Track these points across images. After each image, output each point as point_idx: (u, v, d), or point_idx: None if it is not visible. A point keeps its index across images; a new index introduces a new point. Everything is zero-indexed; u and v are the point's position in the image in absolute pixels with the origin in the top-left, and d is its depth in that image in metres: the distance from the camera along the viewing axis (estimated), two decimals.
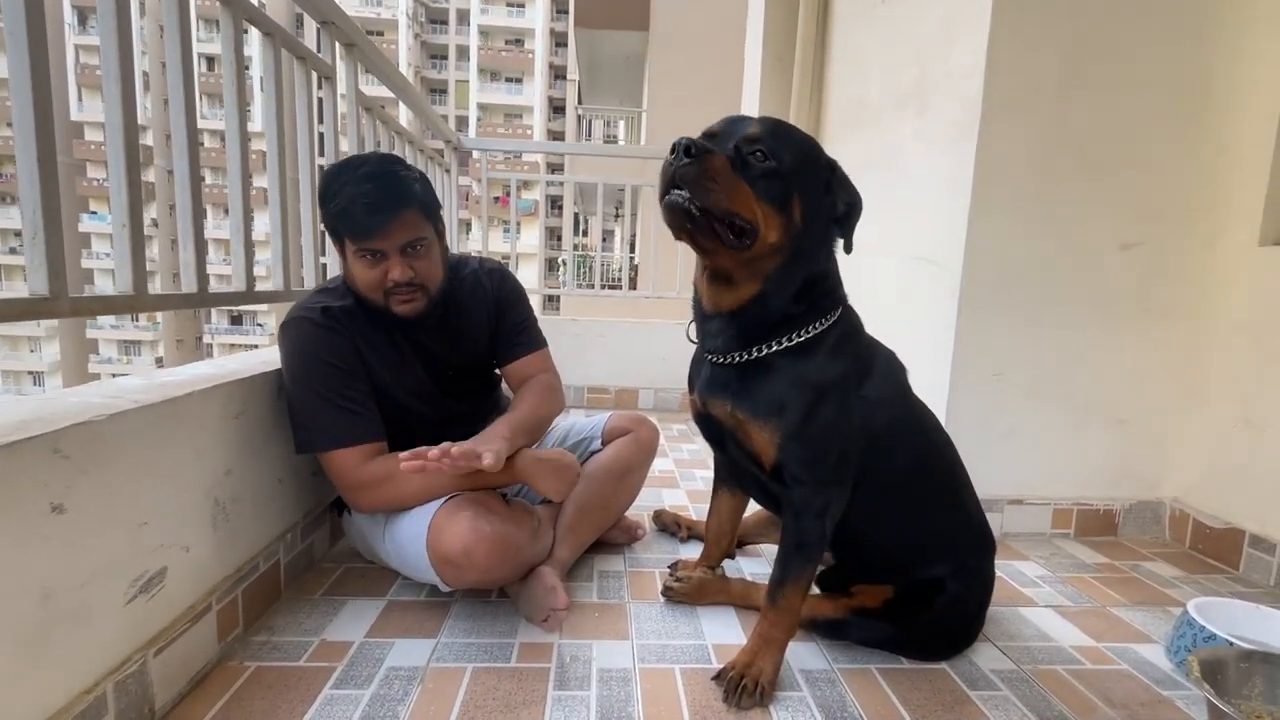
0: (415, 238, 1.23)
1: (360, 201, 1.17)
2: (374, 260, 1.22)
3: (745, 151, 0.96)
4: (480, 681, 1.06)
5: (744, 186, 0.95)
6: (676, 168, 0.91)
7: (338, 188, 1.19)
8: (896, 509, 1.16)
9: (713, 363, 1.11)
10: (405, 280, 1.22)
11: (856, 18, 2.46)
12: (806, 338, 1.06)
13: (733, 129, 0.99)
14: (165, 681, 0.95)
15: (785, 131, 1.01)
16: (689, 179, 0.91)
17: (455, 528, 1.11)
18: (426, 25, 37.63)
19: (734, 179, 0.94)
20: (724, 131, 1.00)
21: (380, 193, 1.17)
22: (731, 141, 0.97)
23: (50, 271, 0.83)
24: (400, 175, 1.22)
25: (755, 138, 0.97)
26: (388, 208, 1.18)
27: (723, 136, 0.99)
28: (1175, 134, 1.66)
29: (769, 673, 1.06)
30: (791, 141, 1.00)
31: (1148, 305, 1.72)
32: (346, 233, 1.21)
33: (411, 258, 1.23)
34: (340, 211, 1.19)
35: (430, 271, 1.27)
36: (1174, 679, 1.15)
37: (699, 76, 7.36)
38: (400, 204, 1.19)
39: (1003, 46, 1.58)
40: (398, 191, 1.20)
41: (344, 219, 1.20)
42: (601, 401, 3.31)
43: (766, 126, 0.99)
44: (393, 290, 1.23)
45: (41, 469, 0.75)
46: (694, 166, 0.91)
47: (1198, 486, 1.77)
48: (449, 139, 3.11)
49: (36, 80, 0.81)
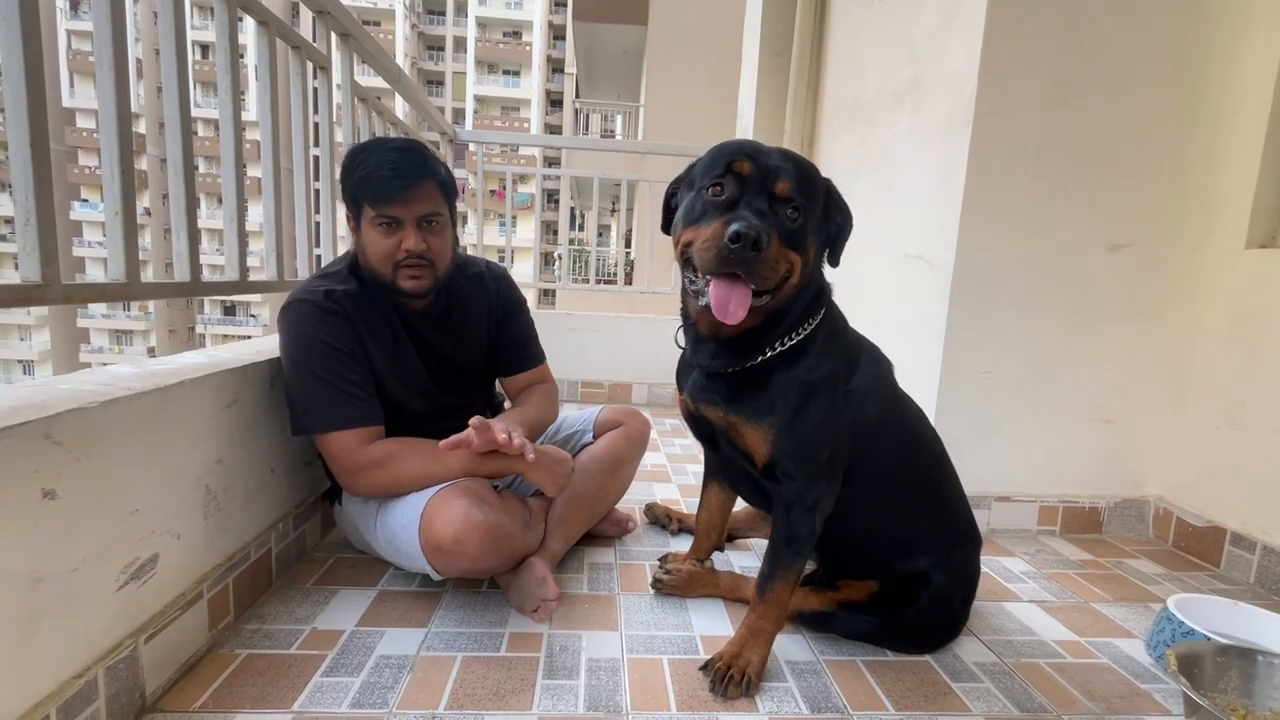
0: (432, 211, 1.26)
1: (386, 167, 1.20)
2: (390, 230, 1.24)
3: (780, 212, 0.96)
4: (470, 670, 1.07)
5: (786, 253, 0.96)
6: (738, 255, 0.89)
7: (364, 158, 1.23)
8: (882, 503, 1.18)
9: (705, 371, 1.12)
10: (418, 251, 1.24)
11: (853, 15, 2.46)
12: (797, 340, 1.07)
13: (761, 174, 0.96)
14: (156, 668, 0.96)
15: (805, 176, 0.99)
16: (750, 267, 0.91)
17: (447, 515, 1.12)
18: (424, 16, 37.38)
19: (781, 252, 0.95)
20: (752, 176, 0.96)
21: (405, 162, 1.22)
22: (762, 195, 0.95)
23: (43, 258, 0.83)
24: (426, 152, 1.28)
25: (786, 195, 0.96)
26: (412, 174, 1.22)
27: (752, 184, 0.96)
28: (1164, 137, 1.67)
29: (756, 664, 1.07)
30: (810, 186, 1.00)
31: (1135, 306, 1.74)
32: (368, 198, 1.23)
33: (426, 231, 1.26)
34: (364, 177, 1.22)
35: (442, 250, 1.29)
36: (1153, 673, 1.18)
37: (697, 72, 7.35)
38: (424, 174, 1.23)
39: (997, 47, 1.59)
40: (422, 163, 1.24)
41: (367, 184, 1.22)
42: (595, 396, 3.32)
43: (793, 179, 0.96)
44: (403, 263, 1.25)
45: (33, 455, 0.75)
46: (758, 256, 0.90)
47: (1182, 485, 1.80)
48: (444, 131, 3.11)
49: (30, 67, 0.81)
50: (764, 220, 0.93)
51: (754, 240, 0.89)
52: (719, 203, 0.96)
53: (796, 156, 1.01)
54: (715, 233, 0.92)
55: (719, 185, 0.97)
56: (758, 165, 0.96)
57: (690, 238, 0.99)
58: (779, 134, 2.88)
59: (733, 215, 0.93)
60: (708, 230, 0.95)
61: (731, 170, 0.96)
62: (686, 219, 1.01)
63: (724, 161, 0.97)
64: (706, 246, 0.93)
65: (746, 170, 0.96)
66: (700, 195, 0.99)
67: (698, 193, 1.00)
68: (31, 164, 0.82)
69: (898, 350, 1.22)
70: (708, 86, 6.94)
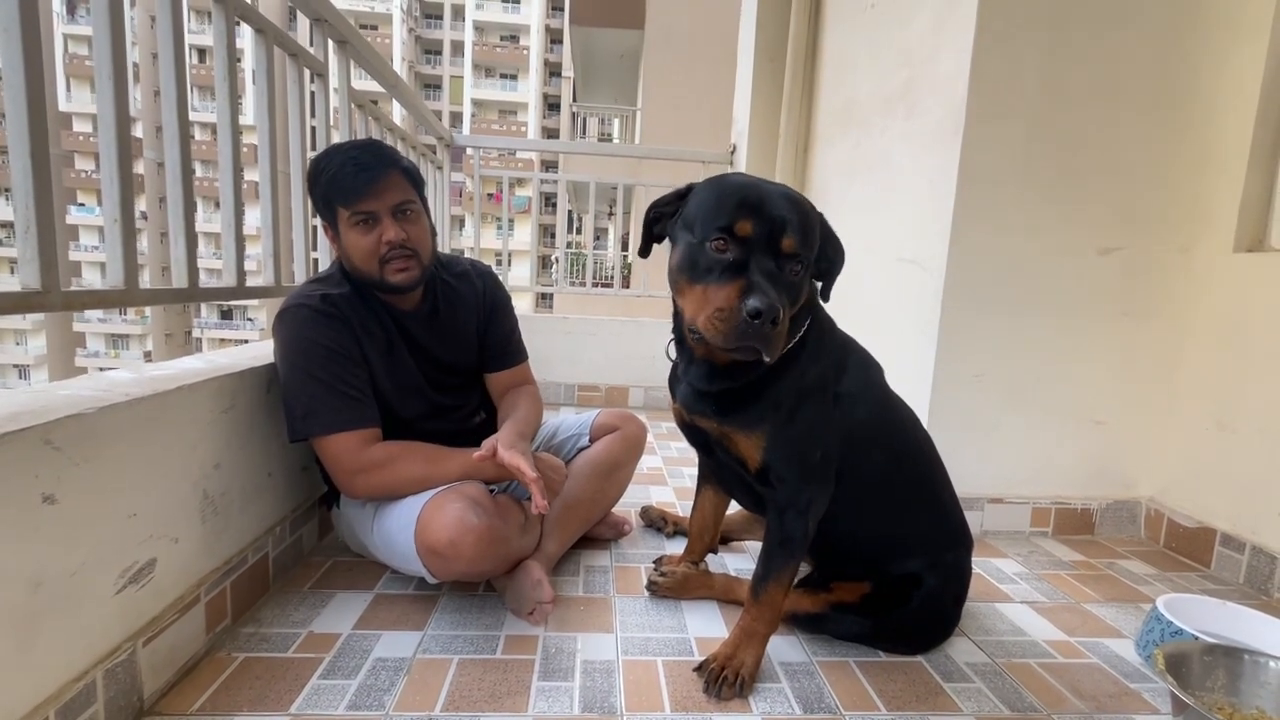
0: (404, 199, 1.28)
1: (350, 164, 1.23)
2: (368, 226, 1.25)
3: (785, 269, 0.94)
4: (466, 672, 1.08)
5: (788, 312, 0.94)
6: (756, 331, 0.88)
7: (326, 163, 1.25)
8: (873, 504, 1.19)
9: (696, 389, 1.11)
10: (399, 241, 1.26)
11: (846, 21, 2.48)
12: (788, 349, 1.06)
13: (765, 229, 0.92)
14: (154, 671, 0.96)
15: (809, 226, 0.97)
16: (765, 338, 0.89)
17: (443, 519, 1.13)
18: (421, 20, 37.42)
19: (787, 315, 0.93)
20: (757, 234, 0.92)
21: (368, 156, 1.25)
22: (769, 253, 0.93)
23: (42, 265, 0.84)
24: (386, 145, 1.31)
25: (792, 252, 0.94)
26: (376, 166, 1.24)
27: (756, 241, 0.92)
28: (1153, 142, 1.69)
29: (750, 665, 1.08)
30: (812, 233, 0.98)
31: (1125, 309, 1.76)
32: (339, 198, 1.24)
33: (403, 221, 1.28)
34: (330, 180, 1.24)
35: (421, 238, 1.31)
36: (1142, 672, 1.19)
37: (693, 76, 7.38)
38: (388, 164, 1.26)
39: (987, 52, 1.61)
40: (384, 155, 1.27)
41: (335, 185, 1.24)
42: (592, 399, 3.33)
43: (798, 234, 0.94)
44: (388, 257, 1.26)
45: (33, 460, 0.76)
46: (774, 330, 0.89)
47: (1172, 486, 1.81)
48: (441, 135, 3.12)
49: (30, 77, 0.82)
50: (776, 285, 0.91)
51: (774, 317, 0.87)
52: (725, 262, 0.92)
53: (797, 199, 0.98)
54: (730, 304, 0.89)
55: (723, 240, 0.92)
56: (763, 221, 0.92)
57: (696, 299, 0.95)
58: (774, 139, 2.90)
59: (747, 283, 0.89)
60: (718, 296, 0.91)
61: (736, 228, 0.92)
62: (688, 271, 0.97)
63: (728, 215, 0.93)
64: (721, 317, 0.89)
65: (750, 231, 0.92)
66: (703, 249, 0.94)
67: (700, 244, 0.95)
68: (32, 172, 0.83)
69: (891, 353, 1.24)
70: (704, 90, 6.98)
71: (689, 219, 0.99)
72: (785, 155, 2.82)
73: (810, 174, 2.76)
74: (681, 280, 0.99)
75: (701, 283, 0.94)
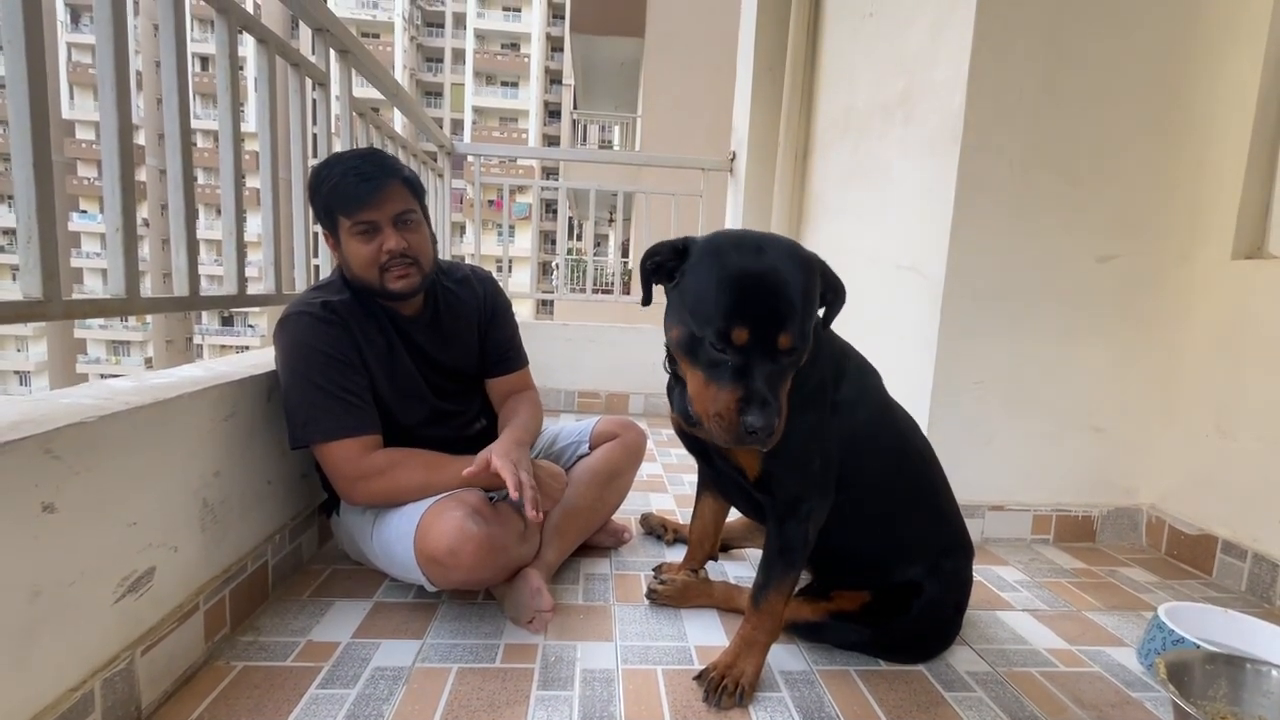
0: (405, 209, 1.28)
1: (352, 174, 1.23)
2: (369, 236, 1.26)
3: (781, 359, 0.92)
4: (465, 681, 1.07)
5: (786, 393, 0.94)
6: (754, 440, 0.90)
7: (328, 172, 1.26)
8: (872, 512, 1.19)
9: None
10: (400, 250, 1.26)
11: (845, 29, 2.50)
12: None
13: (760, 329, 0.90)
14: (152, 680, 0.96)
15: (807, 306, 0.94)
16: (763, 443, 0.90)
17: (442, 527, 1.13)
18: (423, 28, 37.64)
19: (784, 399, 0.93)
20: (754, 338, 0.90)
21: (369, 166, 1.25)
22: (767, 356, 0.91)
23: (44, 274, 0.85)
24: (387, 154, 1.32)
25: (788, 347, 0.92)
26: (378, 176, 1.25)
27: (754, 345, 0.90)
28: (1150, 149, 1.70)
29: (750, 674, 1.08)
30: (810, 308, 0.95)
31: (1124, 316, 1.76)
32: (340, 208, 1.25)
33: (404, 230, 1.28)
34: (332, 189, 1.24)
35: (422, 246, 1.31)
36: (1144, 681, 1.18)
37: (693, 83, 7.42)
38: (390, 174, 1.27)
39: (984, 60, 1.62)
40: (385, 164, 1.28)
41: (336, 194, 1.24)
42: (592, 406, 3.33)
43: (796, 324, 0.91)
44: (388, 265, 1.27)
45: (33, 469, 0.76)
46: (769, 437, 0.90)
47: (1173, 493, 1.81)
48: (442, 143, 3.13)
49: (34, 84, 0.82)
50: (774, 389, 0.90)
51: (770, 431, 0.88)
52: (723, 362, 0.92)
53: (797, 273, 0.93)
54: (729, 414, 0.90)
55: (720, 346, 0.91)
56: (760, 324, 0.90)
57: (696, 385, 0.95)
58: (773, 147, 2.91)
59: (746, 392, 0.89)
60: (718, 400, 0.91)
61: (732, 336, 0.90)
62: (688, 355, 0.96)
63: (724, 318, 0.90)
64: (720, 425, 0.91)
65: (746, 340, 0.90)
66: (702, 344, 0.92)
67: (700, 340, 0.93)
68: (34, 181, 0.83)
69: (890, 360, 1.24)
70: (704, 97, 7.01)
71: (685, 295, 0.96)
72: (784, 162, 2.83)
73: (809, 181, 2.77)
74: (680, 356, 0.98)
75: (701, 372, 0.94)
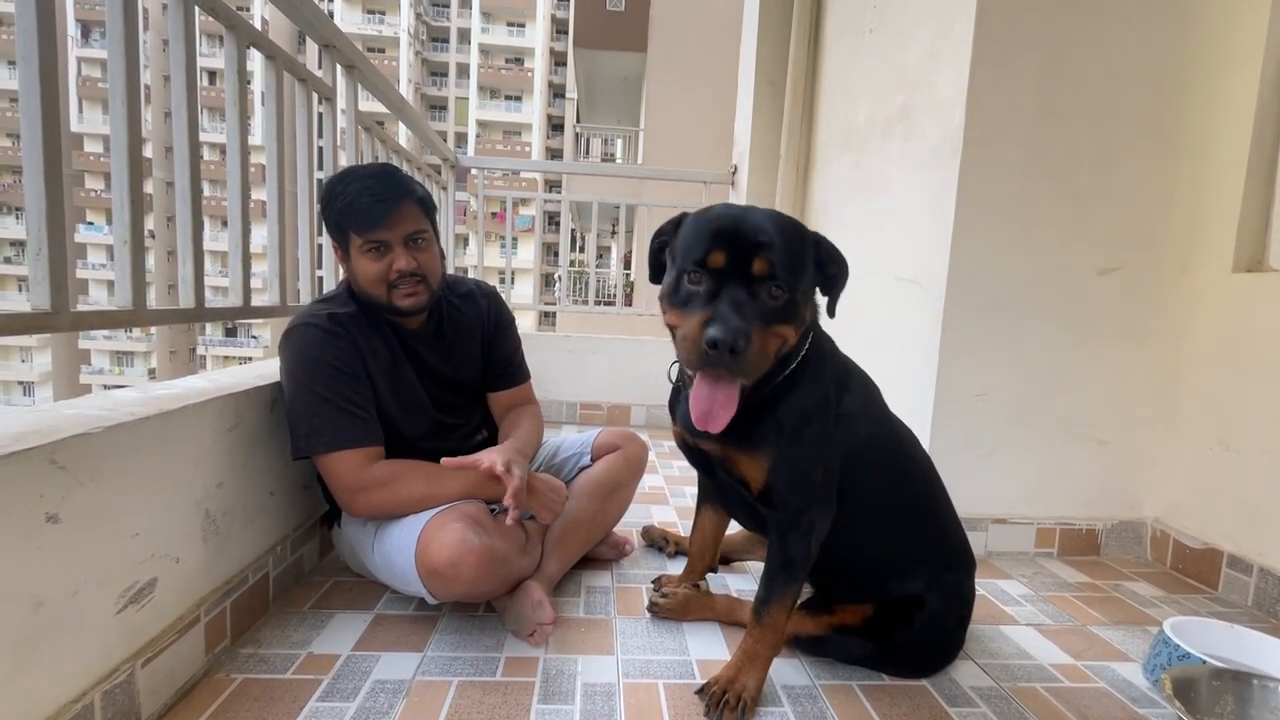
0: (417, 229, 1.29)
1: (366, 194, 1.24)
2: (379, 254, 1.27)
3: (761, 294, 0.93)
4: (465, 695, 1.07)
5: (771, 334, 0.94)
6: (717, 360, 0.89)
7: (342, 188, 1.26)
8: (873, 525, 1.18)
9: None
10: (410, 270, 1.27)
11: (846, 45, 2.53)
12: (789, 372, 1.07)
13: (735, 255, 0.92)
14: (152, 692, 0.96)
15: (785, 245, 0.94)
16: (740, 368, 0.90)
17: (443, 539, 1.13)
18: (428, 43, 38.07)
19: (764, 337, 0.92)
20: (730, 263, 0.93)
21: (384, 186, 1.26)
22: (741, 281, 0.92)
23: (53, 286, 0.86)
24: (401, 173, 1.32)
25: (765, 274, 0.92)
26: (392, 197, 1.25)
27: (730, 272, 0.93)
28: (1150, 163, 1.71)
29: (752, 688, 1.07)
30: (794, 258, 0.96)
31: (1125, 328, 1.76)
32: (353, 226, 1.26)
33: (414, 249, 1.29)
34: (346, 206, 1.25)
35: (432, 265, 1.32)
36: (1150, 697, 1.17)
37: (695, 97, 7.49)
38: (404, 194, 1.27)
39: (984, 76, 1.63)
40: (400, 185, 1.28)
41: (350, 212, 1.25)
42: (594, 417, 3.33)
43: (771, 254, 0.92)
44: (397, 283, 1.28)
45: (38, 480, 0.77)
46: (743, 359, 0.89)
47: (1177, 507, 1.80)
48: (446, 156, 3.16)
49: (46, 99, 0.84)
50: (743, 313, 0.90)
51: (731, 345, 0.87)
52: (698, 293, 0.94)
53: (780, 220, 0.97)
54: (693, 333, 0.90)
55: (697, 273, 0.94)
56: (735, 250, 0.92)
57: (673, 322, 0.98)
58: (775, 160, 2.94)
59: (711, 313, 0.90)
60: (687, 325, 0.93)
61: (708, 261, 0.93)
62: (670, 299, 0.99)
63: (702, 247, 0.94)
64: (686, 347, 0.92)
65: (722, 263, 0.93)
66: (682, 280, 0.96)
67: (680, 276, 0.97)
68: (45, 194, 0.85)
69: (891, 373, 1.24)
70: (706, 111, 7.08)
71: (674, 249, 1.03)
72: (786, 176, 2.86)
73: (810, 194, 2.78)
74: (665, 306, 1.02)
75: (679, 310, 0.98)
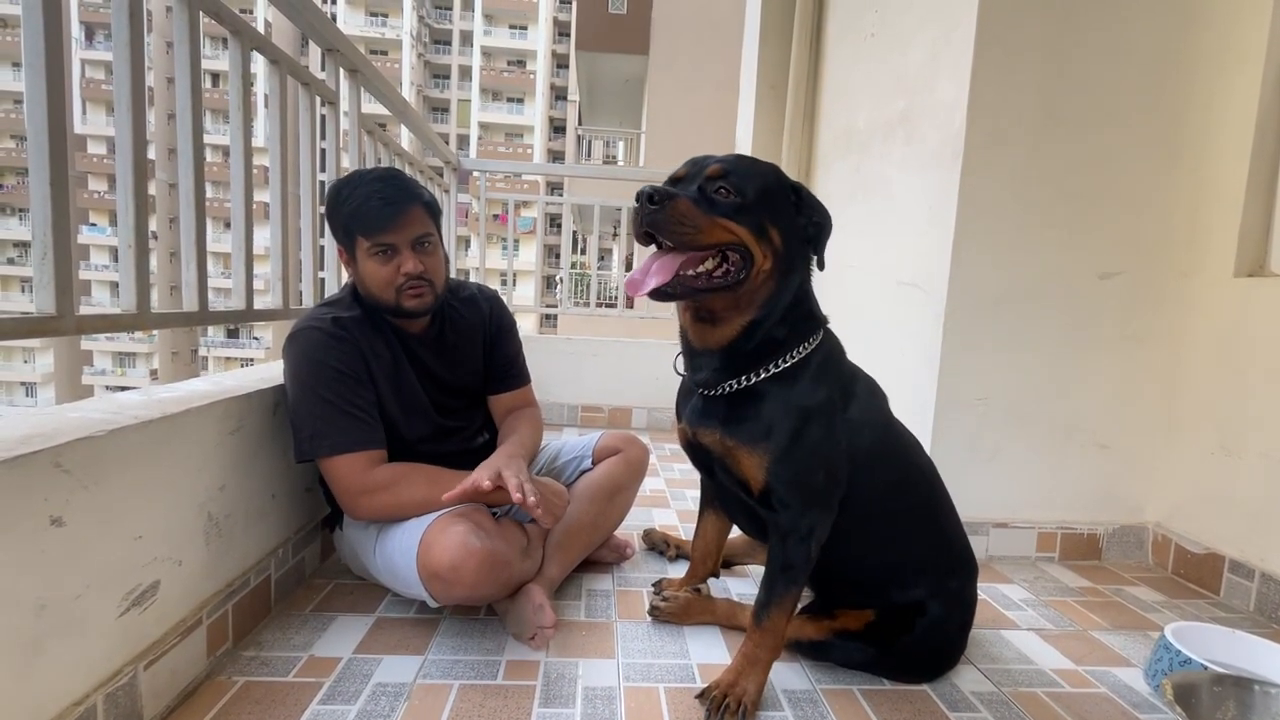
0: (424, 233, 1.30)
1: (374, 198, 1.25)
2: (386, 257, 1.27)
3: (710, 190, 1.00)
4: (466, 698, 1.07)
5: (717, 219, 0.99)
6: (645, 216, 0.96)
7: (349, 192, 1.27)
8: (876, 531, 1.18)
9: (703, 394, 1.13)
10: (417, 273, 1.28)
11: (847, 49, 2.53)
12: (793, 362, 1.09)
13: (696, 170, 1.03)
14: (154, 695, 0.96)
15: (745, 164, 1.04)
16: (659, 224, 0.96)
17: (445, 543, 1.13)
18: (430, 45, 38.18)
19: (702, 215, 0.98)
20: (689, 175, 1.04)
21: (391, 190, 1.27)
22: (695, 183, 1.01)
23: (58, 290, 0.86)
24: (407, 177, 1.33)
25: (716, 174, 1.01)
26: (400, 200, 1.26)
27: (688, 180, 1.03)
28: (1152, 167, 1.71)
29: (752, 693, 1.07)
30: (753, 172, 1.04)
31: (1127, 333, 1.76)
32: (361, 229, 1.27)
33: (421, 253, 1.30)
34: (354, 210, 1.26)
35: (437, 269, 1.33)
36: (1151, 702, 1.17)
37: (696, 100, 7.51)
38: (411, 198, 1.28)
39: (985, 80, 1.64)
40: (407, 189, 1.29)
41: (358, 216, 1.26)
42: (595, 420, 3.33)
43: (726, 162, 1.02)
44: (404, 286, 1.29)
45: (43, 483, 0.77)
46: (661, 212, 0.96)
47: (1179, 511, 1.80)
48: (448, 159, 3.17)
49: (52, 103, 0.84)
50: (680, 190, 1.00)
51: (649, 196, 0.95)
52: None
53: (739, 155, 1.07)
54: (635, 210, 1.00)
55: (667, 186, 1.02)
56: (695, 164, 1.04)
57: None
58: (776, 162, 2.93)
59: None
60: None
61: (673, 175, 1.05)
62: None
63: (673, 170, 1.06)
64: (635, 218, 1.00)
65: (685, 174, 1.04)
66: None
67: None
68: (51, 198, 0.85)
69: (892, 377, 1.24)
70: (707, 114, 7.09)
71: None
72: None
73: None
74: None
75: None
